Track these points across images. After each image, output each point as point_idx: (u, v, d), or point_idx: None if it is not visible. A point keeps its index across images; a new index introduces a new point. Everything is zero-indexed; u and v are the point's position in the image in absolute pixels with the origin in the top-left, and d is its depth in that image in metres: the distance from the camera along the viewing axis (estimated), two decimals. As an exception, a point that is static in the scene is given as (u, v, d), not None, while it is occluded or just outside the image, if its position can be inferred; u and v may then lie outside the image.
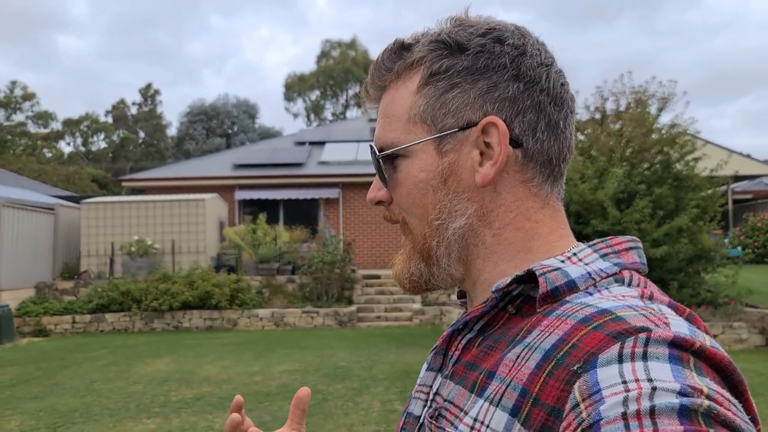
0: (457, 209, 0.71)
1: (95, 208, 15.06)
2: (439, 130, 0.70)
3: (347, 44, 49.74)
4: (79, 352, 10.44)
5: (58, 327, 12.82)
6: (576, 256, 0.67)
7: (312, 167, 18.87)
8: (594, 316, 0.56)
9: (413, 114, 0.72)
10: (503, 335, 0.64)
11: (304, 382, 7.84)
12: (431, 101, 0.71)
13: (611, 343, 0.52)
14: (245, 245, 14.99)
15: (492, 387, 0.60)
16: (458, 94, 0.69)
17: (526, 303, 0.66)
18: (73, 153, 50.07)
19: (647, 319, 0.54)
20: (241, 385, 7.70)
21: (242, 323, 13.17)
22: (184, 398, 7.10)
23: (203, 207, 15.10)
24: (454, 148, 0.70)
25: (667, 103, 11.20)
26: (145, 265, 14.39)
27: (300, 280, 14.37)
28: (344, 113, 49.26)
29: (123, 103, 55.23)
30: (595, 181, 10.42)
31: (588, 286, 0.63)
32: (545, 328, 0.59)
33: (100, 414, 6.48)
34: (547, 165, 0.71)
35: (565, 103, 0.71)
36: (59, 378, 8.35)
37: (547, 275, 0.63)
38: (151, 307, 12.80)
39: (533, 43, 0.71)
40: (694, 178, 10.76)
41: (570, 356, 0.54)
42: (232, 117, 48.58)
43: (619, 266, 0.66)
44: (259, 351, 10.25)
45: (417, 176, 0.72)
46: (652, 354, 0.49)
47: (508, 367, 0.60)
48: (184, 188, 17.61)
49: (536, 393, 0.55)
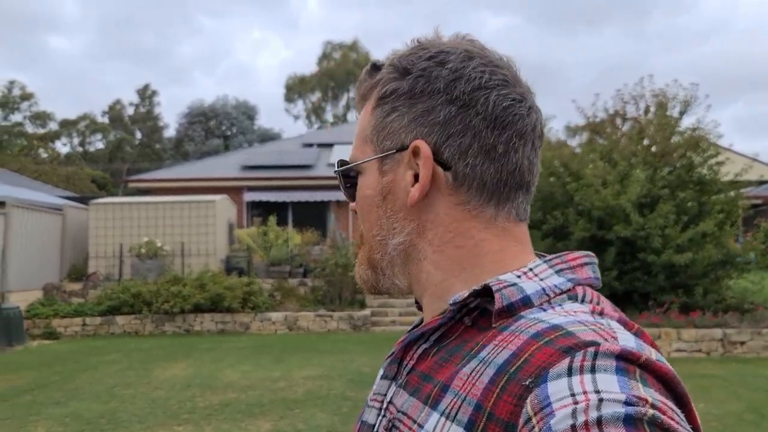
0: (394, 227, 0.73)
1: (104, 209, 14.87)
2: (380, 151, 0.74)
3: (348, 46, 49.66)
4: (93, 356, 10.25)
5: (68, 329, 12.61)
6: (532, 272, 0.68)
7: (321, 169, 18.73)
8: (545, 332, 0.57)
9: (366, 134, 0.76)
10: (458, 348, 0.65)
11: (331, 388, 7.69)
12: (377, 123, 0.74)
13: (561, 358, 0.53)
14: (257, 247, 14.81)
15: (446, 400, 0.61)
16: (396, 117, 0.72)
17: (482, 316, 0.67)
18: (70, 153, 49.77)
19: (596, 333, 0.55)
20: (266, 392, 7.54)
21: (254, 326, 12.98)
22: (210, 404, 6.93)
23: (213, 208, 14.92)
24: (392, 169, 0.73)
25: (689, 106, 11.11)
26: (155, 267, 14.20)
27: (312, 283, 14.21)
28: (345, 115, 49.16)
29: (119, 103, 54.94)
30: (617, 186, 10.30)
31: (542, 302, 0.65)
32: (499, 342, 0.61)
33: (128, 420, 6.30)
34: (482, 188, 0.70)
35: (508, 126, 0.70)
36: (78, 382, 8.16)
37: (503, 291, 0.64)
38: (162, 309, 12.60)
39: (477, 65, 0.71)
40: (717, 182, 10.65)
41: (522, 371, 0.55)
42: (231, 118, 48.43)
43: (572, 282, 0.67)
44: (276, 355, 10.08)
45: (364, 192, 0.76)
46: (600, 367, 0.51)
47: (462, 381, 0.60)
48: (191, 189, 17.44)
49: (491, 408, 0.55)
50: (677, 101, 11.25)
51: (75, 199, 19.23)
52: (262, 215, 17.09)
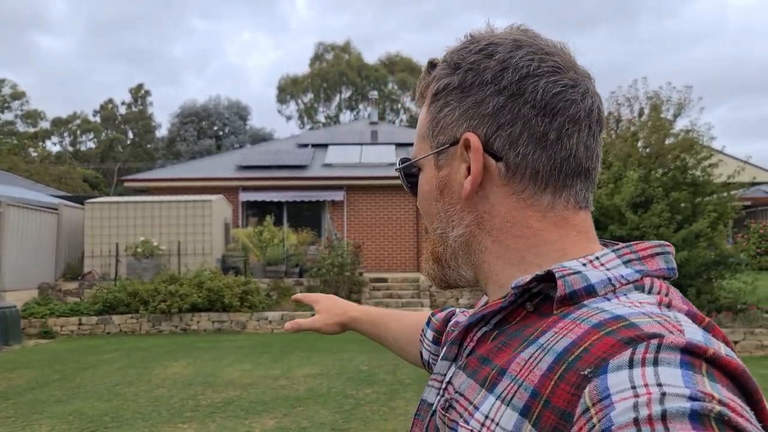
0: (453, 219, 0.74)
1: (99, 209, 14.85)
2: (436, 146, 0.76)
3: (341, 47, 49.68)
4: (92, 355, 10.26)
5: (64, 328, 12.60)
6: (598, 260, 0.67)
7: (316, 169, 18.77)
8: (608, 322, 0.56)
9: (423, 131, 0.78)
10: (518, 332, 0.65)
11: (331, 386, 7.75)
12: (432, 119, 0.76)
13: (623, 349, 0.52)
14: (253, 247, 14.84)
15: (503, 384, 0.61)
16: (449, 112, 0.74)
17: (544, 302, 0.66)
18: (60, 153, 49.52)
19: (661, 326, 0.54)
20: (267, 390, 7.59)
21: (251, 326, 13.02)
22: (213, 402, 6.98)
23: (210, 208, 14.94)
24: (447, 163, 0.75)
25: (683, 108, 11.26)
26: (151, 266, 14.21)
27: (308, 283, 14.25)
28: (338, 116, 49.16)
29: (112, 103, 54.74)
30: (612, 186, 10.44)
31: (607, 292, 0.63)
32: (560, 330, 0.60)
33: (132, 418, 6.34)
34: (536, 176, 0.70)
35: (560, 112, 0.69)
36: (78, 381, 8.18)
37: (567, 278, 0.64)
38: (160, 308, 12.62)
39: (525, 54, 0.71)
40: (710, 184, 10.80)
41: (581, 360, 0.54)
42: (224, 118, 48.34)
43: (641, 273, 0.66)
44: (275, 354, 10.13)
45: (423, 188, 0.79)
46: (663, 360, 0.50)
47: (520, 366, 0.60)
48: (187, 189, 17.44)
49: (547, 395, 0.55)
50: (671, 104, 11.39)
51: (70, 198, 19.19)
52: (258, 215, 17.13)
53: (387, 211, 18.15)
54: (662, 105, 11.49)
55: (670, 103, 11.40)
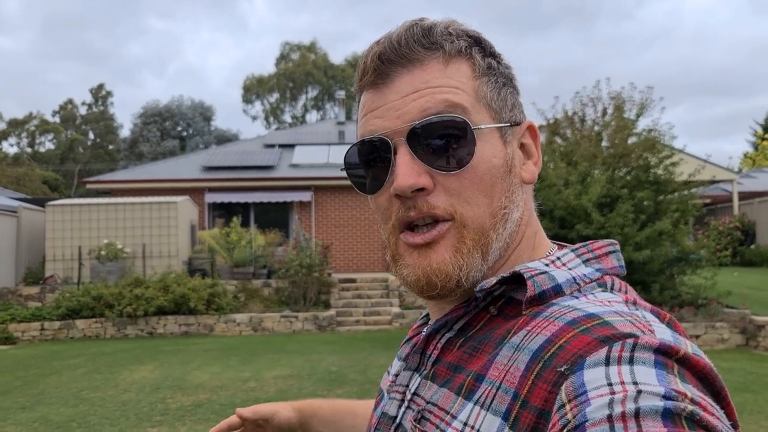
0: (516, 200, 0.71)
1: (61, 211, 14.52)
2: (503, 121, 0.71)
3: (307, 47, 49.46)
4: (55, 360, 10.03)
5: (25, 334, 12.28)
6: (560, 260, 0.68)
7: (283, 170, 18.65)
8: (581, 320, 0.57)
9: (481, 96, 0.69)
10: (487, 336, 0.64)
11: (302, 387, 7.72)
12: (494, 92, 0.71)
13: (599, 347, 0.52)
14: (220, 249, 14.68)
15: (481, 390, 0.59)
16: (510, 92, 0.73)
17: (508, 304, 0.66)
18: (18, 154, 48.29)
19: (633, 325, 0.55)
20: (237, 392, 7.52)
21: (219, 328, 12.88)
22: (183, 405, 6.89)
23: (176, 209, 14.73)
24: (510, 142, 0.71)
25: (645, 108, 11.48)
26: (116, 269, 13.95)
27: (276, 284, 14.16)
28: (304, 116, 48.91)
29: (71, 103, 53.64)
30: (579, 187, 10.59)
31: (573, 291, 0.64)
32: (532, 328, 0.59)
33: (99, 423, 6.22)
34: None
35: None
36: (42, 387, 8.00)
37: (535, 278, 0.63)
38: (126, 312, 12.40)
39: None
40: (672, 182, 11.04)
41: (557, 357, 0.54)
42: (187, 119, 47.65)
43: (600, 271, 0.67)
44: (244, 356, 10.04)
45: (491, 161, 0.68)
46: (638, 359, 0.50)
47: (498, 370, 0.59)
48: (152, 191, 17.17)
49: (525, 395, 0.55)
50: (633, 104, 11.61)
51: (30, 200, 18.72)
52: (224, 216, 16.94)
53: (355, 212, 18.13)
54: (624, 105, 11.71)
55: (632, 103, 11.62)
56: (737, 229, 17.21)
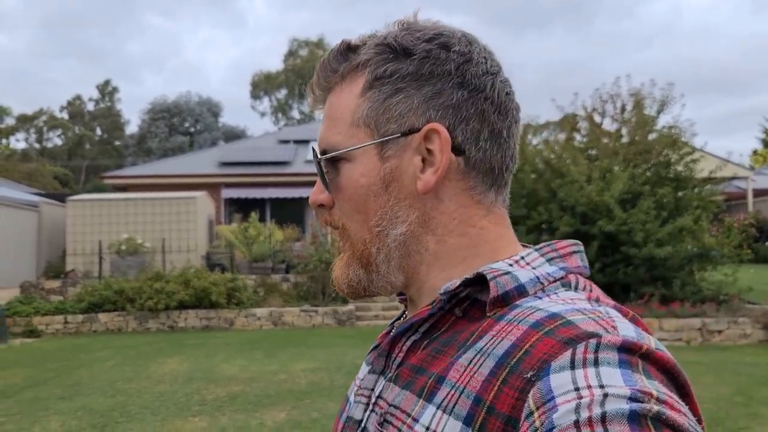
0: (398, 216, 0.69)
1: (82, 206, 14.66)
2: (382, 135, 0.69)
3: (315, 43, 49.54)
4: (82, 353, 10.16)
5: (49, 327, 12.42)
6: (524, 260, 0.67)
7: (299, 166, 18.75)
8: (545, 321, 0.57)
9: (357, 117, 0.70)
10: (452, 339, 0.63)
11: (332, 380, 7.81)
12: (375, 105, 0.69)
13: (563, 350, 0.52)
14: (238, 243, 14.79)
15: (442, 393, 0.59)
16: (402, 99, 0.68)
17: (473, 306, 0.65)
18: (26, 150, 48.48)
19: (596, 323, 0.55)
20: (269, 384, 7.63)
21: (239, 323, 12.99)
22: (218, 397, 7.00)
23: (195, 205, 14.85)
24: (396, 154, 0.69)
25: (666, 105, 11.54)
26: (136, 263, 14.08)
27: (295, 279, 14.26)
28: (313, 112, 48.92)
29: (79, 99, 53.79)
30: (602, 184, 10.65)
31: (537, 290, 0.64)
32: (497, 333, 0.59)
33: (141, 413, 6.34)
34: (489, 173, 0.70)
35: (509, 112, 0.71)
36: (76, 378, 8.12)
37: (498, 279, 0.63)
38: (147, 306, 12.51)
39: (480, 50, 0.70)
40: (692, 179, 11.11)
41: (523, 363, 0.54)
42: (195, 115, 47.78)
43: (564, 270, 0.67)
44: (268, 350, 10.14)
45: (358, 181, 0.70)
46: (603, 359, 0.50)
47: (459, 373, 0.58)
48: (169, 186, 17.27)
49: (491, 401, 0.54)
50: (654, 100, 11.67)
51: (49, 195, 18.86)
52: (240, 212, 17.06)
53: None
54: (644, 101, 11.77)
55: (652, 99, 11.68)
56: (752, 226, 17.25)
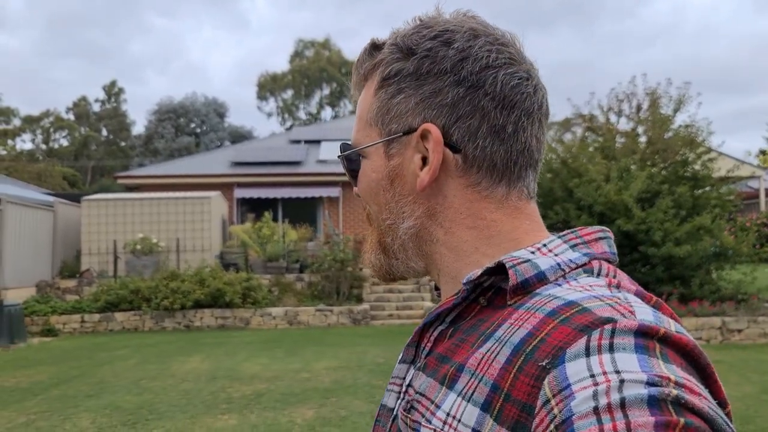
0: (404, 211, 0.72)
1: (97, 206, 14.71)
2: (387, 134, 0.72)
3: (321, 43, 49.58)
4: (101, 352, 10.20)
5: (66, 326, 12.47)
6: (546, 247, 0.67)
7: (311, 165, 18.77)
8: (561, 309, 0.57)
9: (369, 117, 0.74)
10: (474, 328, 0.65)
11: (356, 378, 7.84)
12: (381, 105, 0.72)
13: (578, 337, 0.52)
14: (252, 243, 14.83)
15: (462, 381, 0.60)
16: (402, 99, 0.71)
17: (497, 295, 0.66)
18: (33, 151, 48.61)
19: (613, 309, 0.54)
20: (293, 382, 7.65)
21: (255, 322, 13.03)
22: (244, 395, 7.02)
23: (209, 205, 14.89)
24: (399, 152, 0.72)
25: (682, 104, 11.54)
26: (150, 263, 14.12)
27: (309, 279, 14.29)
28: (319, 113, 49.08)
29: (85, 100, 53.90)
30: (620, 183, 10.64)
31: (557, 277, 0.64)
32: (515, 321, 0.60)
33: (170, 411, 6.36)
34: (492, 169, 0.70)
35: (516, 105, 0.69)
36: (100, 376, 8.15)
37: (517, 267, 0.63)
38: (163, 305, 12.56)
39: (484, 44, 0.69)
40: (710, 178, 11.10)
41: (539, 351, 0.54)
42: (201, 115, 47.81)
43: (588, 256, 0.66)
44: (287, 349, 10.17)
45: (370, 176, 0.74)
46: (618, 345, 0.50)
47: (478, 361, 0.59)
48: (181, 186, 17.32)
49: (507, 388, 0.55)
50: (670, 99, 11.67)
51: (63, 195, 18.93)
52: (253, 211, 17.09)
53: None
54: (660, 100, 11.76)
55: (668, 98, 11.67)
56: (765, 226, 17.24)
